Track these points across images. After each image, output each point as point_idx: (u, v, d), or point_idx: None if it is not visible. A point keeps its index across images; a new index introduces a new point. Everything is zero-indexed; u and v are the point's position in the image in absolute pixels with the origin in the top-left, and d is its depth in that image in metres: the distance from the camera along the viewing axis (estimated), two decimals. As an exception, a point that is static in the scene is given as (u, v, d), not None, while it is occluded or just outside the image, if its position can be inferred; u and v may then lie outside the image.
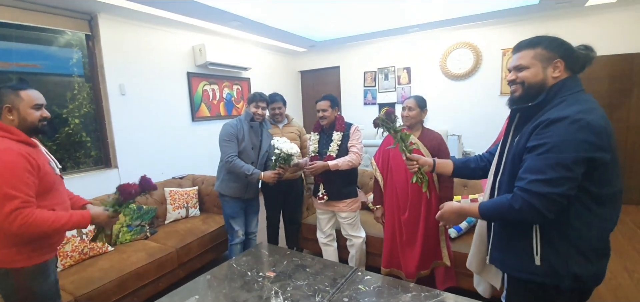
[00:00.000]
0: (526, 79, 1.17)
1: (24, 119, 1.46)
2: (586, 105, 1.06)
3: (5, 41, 2.86)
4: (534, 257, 1.13)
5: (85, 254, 2.43)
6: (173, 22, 3.84)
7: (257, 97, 2.52)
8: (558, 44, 1.15)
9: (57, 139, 3.22)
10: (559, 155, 1.02)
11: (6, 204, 1.30)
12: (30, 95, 1.49)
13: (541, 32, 1.21)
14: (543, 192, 1.03)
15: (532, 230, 1.14)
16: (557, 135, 1.03)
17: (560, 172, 1.02)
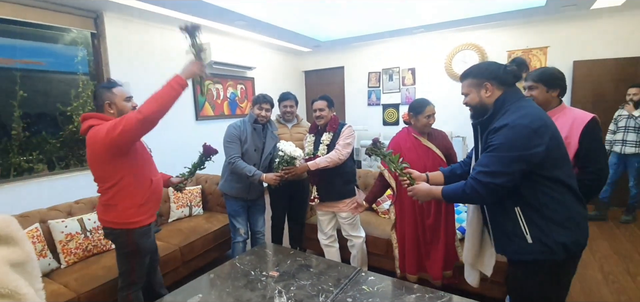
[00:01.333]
0: (469, 102, 1.49)
1: (121, 111, 1.80)
2: (523, 112, 1.30)
3: (9, 38, 2.87)
4: (525, 237, 1.33)
5: (88, 252, 2.43)
6: (178, 20, 3.84)
7: (260, 99, 2.52)
8: (482, 70, 1.44)
9: (61, 137, 3.23)
10: (499, 154, 1.29)
11: (118, 124, 1.62)
12: (121, 91, 1.84)
13: (547, 35, 1.39)
14: (484, 182, 1.32)
15: (516, 214, 1.34)
16: (500, 138, 1.30)
17: (499, 167, 1.29)
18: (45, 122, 3.14)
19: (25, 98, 2.95)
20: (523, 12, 4.20)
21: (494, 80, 1.40)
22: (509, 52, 4.71)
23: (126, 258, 1.89)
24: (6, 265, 0.42)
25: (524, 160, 1.26)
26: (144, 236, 1.87)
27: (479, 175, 1.34)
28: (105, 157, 1.70)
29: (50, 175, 3.10)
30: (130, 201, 1.79)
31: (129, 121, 1.60)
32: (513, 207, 1.35)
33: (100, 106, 1.80)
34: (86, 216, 2.52)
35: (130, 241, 1.83)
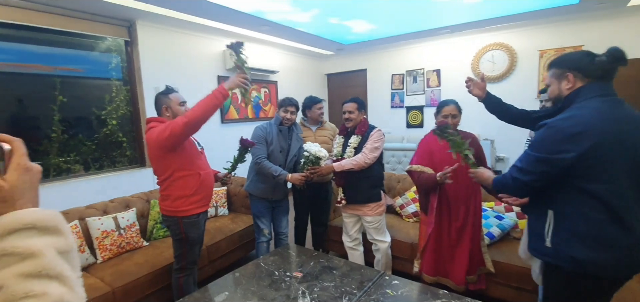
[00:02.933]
0: (549, 95, 1.43)
1: (175, 114, 2.03)
2: (574, 112, 1.24)
3: (51, 47, 3.07)
4: (545, 239, 1.31)
5: (122, 248, 2.55)
6: (206, 27, 3.97)
7: (286, 102, 2.56)
8: (566, 59, 1.36)
9: (96, 139, 3.41)
10: (530, 151, 1.29)
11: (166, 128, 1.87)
12: (176, 97, 2.08)
13: (581, 33, 1.31)
14: (514, 176, 1.35)
15: (547, 215, 1.31)
16: (536, 136, 1.30)
17: (526, 165, 1.30)
18: (81, 126, 3.33)
19: (64, 103, 3.14)
20: (555, 10, 4.02)
21: (577, 70, 1.30)
22: (541, 52, 4.52)
23: (178, 244, 2.14)
24: (54, 251, 0.46)
25: (549, 163, 1.23)
26: (192, 225, 2.09)
27: (512, 168, 1.37)
28: (158, 154, 1.97)
29: (86, 175, 3.28)
30: (180, 192, 2.02)
31: (175, 125, 1.85)
32: (546, 209, 1.32)
33: (159, 110, 2.07)
34: (120, 214, 2.64)
35: (180, 228, 2.07)
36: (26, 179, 0.49)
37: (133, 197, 2.96)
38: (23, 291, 0.42)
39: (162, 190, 2.08)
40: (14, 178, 0.48)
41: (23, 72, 2.91)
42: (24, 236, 0.45)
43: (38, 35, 2.96)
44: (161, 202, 2.11)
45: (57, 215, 0.49)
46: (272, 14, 3.74)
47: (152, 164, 2.06)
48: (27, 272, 0.43)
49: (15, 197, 0.47)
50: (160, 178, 2.07)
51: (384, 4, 3.64)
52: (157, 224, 2.86)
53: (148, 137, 1.98)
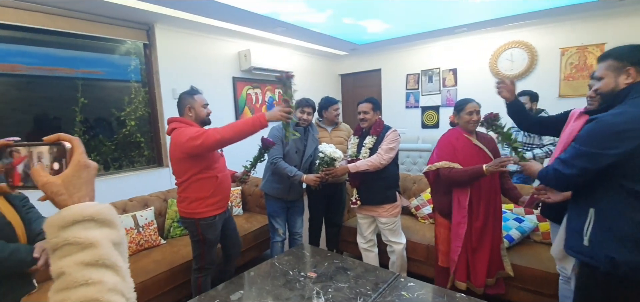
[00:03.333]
0: (601, 89, 1.34)
1: (198, 115, 2.08)
2: (627, 108, 1.19)
3: (73, 50, 3.17)
4: (583, 238, 1.27)
5: (141, 246, 2.61)
6: (221, 29, 4.02)
7: (302, 103, 2.57)
8: (627, 52, 1.29)
9: (115, 140, 3.50)
10: (575, 145, 1.26)
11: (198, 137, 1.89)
12: (201, 98, 2.12)
13: (604, 30, 1.26)
14: (556, 168, 1.33)
15: (587, 214, 1.27)
16: (583, 130, 1.26)
17: (569, 158, 1.27)
18: (101, 127, 3.43)
19: (85, 104, 3.24)
20: (576, 7, 3.89)
21: (638, 65, 1.26)
22: (562, 50, 4.38)
23: (197, 245, 2.17)
24: (109, 243, 0.50)
25: (592, 158, 1.20)
26: (209, 227, 2.11)
27: (556, 161, 1.35)
28: (180, 157, 1.99)
29: (106, 175, 3.37)
30: (197, 194, 2.05)
31: (209, 137, 1.89)
32: (588, 208, 1.29)
33: (182, 110, 2.10)
34: (139, 212, 2.70)
35: (198, 230, 2.10)
36: (83, 175, 0.53)
37: (151, 196, 3.03)
38: (83, 278, 0.46)
39: (180, 191, 2.11)
40: (69, 174, 0.52)
41: (47, 75, 3.02)
42: (84, 228, 0.48)
43: (61, 39, 3.06)
44: (179, 203, 2.14)
45: (111, 209, 0.53)
46: (287, 15, 3.75)
47: (173, 164, 2.09)
48: (86, 261, 0.47)
49: (72, 191, 0.51)
50: (178, 180, 2.10)
51: (400, 3, 3.60)
52: (174, 223, 2.92)
53: (174, 137, 2.00)
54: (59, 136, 0.53)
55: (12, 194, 1.34)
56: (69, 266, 0.46)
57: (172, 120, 2.09)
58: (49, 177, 0.51)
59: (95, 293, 0.45)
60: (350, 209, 3.16)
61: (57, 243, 0.47)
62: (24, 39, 2.87)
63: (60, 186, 0.50)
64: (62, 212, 0.48)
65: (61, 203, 0.50)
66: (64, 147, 0.53)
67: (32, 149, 0.54)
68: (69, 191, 0.50)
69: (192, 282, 2.24)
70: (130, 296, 0.51)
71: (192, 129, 1.96)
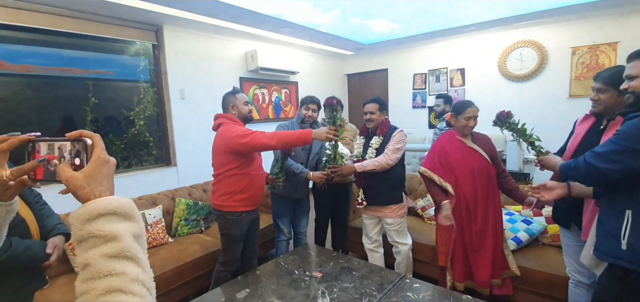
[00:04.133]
0: (636, 88, 1.27)
1: (240, 112, 2.21)
2: None
3: (84, 51, 3.24)
4: (621, 241, 1.20)
5: (149, 244, 2.63)
6: (229, 30, 4.06)
7: (308, 100, 2.59)
8: None
9: (125, 139, 3.56)
10: (616, 140, 1.20)
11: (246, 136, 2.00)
12: (242, 96, 2.24)
13: (617, 29, 1.21)
14: (590, 162, 1.27)
15: (624, 215, 1.21)
16: (625, 126, 1.20)
17: (608, 153, 1.21)
18: (111, 126, 3.48)
19: (95, 104, 3.30)
20: (588, 5, 3.82)
21: None
22: (573, 49, 4.31)
23: (223, 238, 2.24)
24: (130, 235, 0.52)
25: (637, 155, 1.14)
26: (234, 222, 2.17)
27: (589, 154, 1.30)
28: (223, 150, 2.10)
29: (116, 173, 3.40)
30: (227, 189, 2.13)
31: (255, 138, 2.00)
32: (624, 209, 1.22)
33: (225, 108, 2.23)
34: (147, 210, 2.74)
35: (224, 223, 2.18)
36: (104, 170, 0.55)
37: (159, 194, 3.07)
38: (107, 269, 0.48)
39: (214, 183, 2.21)
40: (90, 169, 0.54)
41: (60, 75, 3.09)
42: (107, 221, 0.50)
43: (73, 40, 3.12)
44: (212, 195, 2.24)
45: (132, 203, 0.55)
46: (293, 15, 3.77)
47: (214, 156, 2.18)
48: (110, 253, 0.49)
49: (93, 186, 0.53)
50: (215, 171, 2.19)
51: (407, 3, 3.59)
52: (181, 221, 2.95)
53: (221, 132, 2.12)
54: (80, 133, 0.56)
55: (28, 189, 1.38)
56: (93, 257, 0.48)
57: (218, 116, 2.22)
58: (72, 172, 0.53)
59: (120, 283, 0.48)
60: (356, 209, 3.16)
61: (82, 235, 0.49)
62: (38, 41, 2.94)
63: (82, 180, 0.52)
64: (88, 205, 0.51)
65: (83, 197, 0.52)
66: (85, 143, 0.55)
67: (53, 144, 0.56)
68: (91, 186, 0.53)
69: (214, 273, 2.29)
70: (150, 285, 0.53)
71: (241, 128, 2.08)
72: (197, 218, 3.02)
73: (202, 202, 3.13)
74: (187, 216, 2.97)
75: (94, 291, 0.47)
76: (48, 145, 0.56)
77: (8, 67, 2.78)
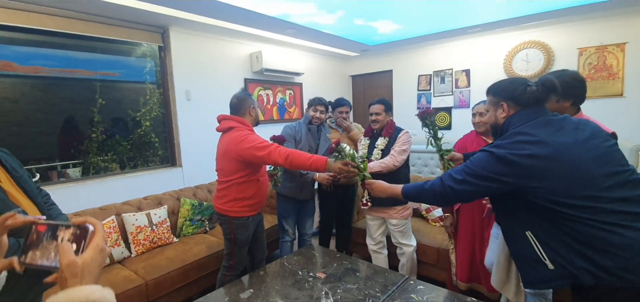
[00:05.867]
0: (486, 121, 1.51)
1: (257, 116, 2.22)
2: (509, 139, 1.26)
3: (92, 53, 3.28)
4: (545, 263, 1.21)
5: (154, 243, 2.67)
6: (234, 32, 4.08)
7: (315, 102, 2.60)
8: (501, 88, 1.40)
9: (131, 139, 3.59)
10: (471, 167, 1.30)
11: (263, 149, 1.97)
12: (254, 100, 2.20)
13: (625, 29, 1.21)
14: (446, 184, 1.36)
15: (529, 240, 1.24)
16: (476, 158, 1.32)
17: (467, 176, 1.30)
18: (118, 127, 3.52)
19: (103, 105, 3.34)
20: (596, 6, 3.78)
21: (511, 100, 1.35)
22: (580, 50, 4.27)
23: (228, 243, 2.20)
24: None
25: (494, 181, 1.24)
26: (242, 227, 2.14)
27: (445, 177, 1.38)
28: (235, 157, 2.03)
29: (122, 174, 3.46)
30: (236, 195, 2.09)
31: (272, 155, 1.96)
32: (523, 232, 1.27)
33: (244, 110, 2.15)
34: (153, 210, 2.77)
35: (231, 228, 2.13)
36: (98, 259, 0.55)
37: (165, 195, 3.10)
38: None
39: (220, 188, 2.15)
40: (88, 257, 0.53)
41: (68, 76, 3.13)
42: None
43: (80, 42, 3.17)
44: (216, 199, 2.18)
45: (112, 294, 0.54)
46: (298, 17, 3.78)
47: (222, 161, 2.11)
48: None
49: (85, 275, 0.52)
50: (223, 177, 2.13)
51: (411, 4, 3.58)
52: (186, 221, 2.97)
53: (234, 137, 2.02)
54: (85, 219, 0.55)
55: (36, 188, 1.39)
56: None
57: (227, 118, 2.13)
58: (75, 257, 0.52)
59: None
60: (361, 210, 3.16)
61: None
62: (46, 43, 2.98)
63: (79, 268, 0.52)
64: (71, 292, 0.49)
65: (71, 286, 0.51)
66: (86, 229, 0.55)
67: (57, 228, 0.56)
68: (83, 275, 0.52)
69: (219, 277, 2.27)
70: None
71: (256, 138, 2.02)
72: (202, 218, 3.04)
73: (207, 202, 3.15)
74: (191, 216, 2.99)
75: None
76: (50, 229, 0.56)
77: (17, 69, 2.83)
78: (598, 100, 4.13)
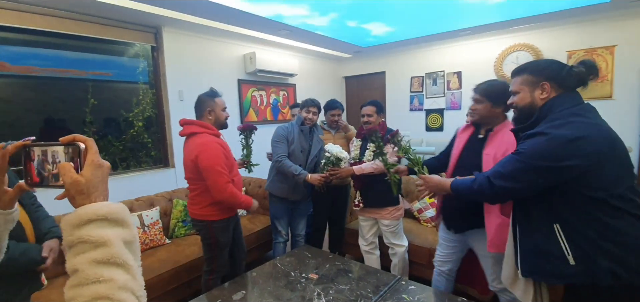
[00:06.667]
0: (518, 103, 1.35)
1: (218, 118, 2.08)
2: (566, 119, 1.17)
3: (84, 52, 3.25)
4: (567, 258, 1.17)
5: (146, 245, 2.65)
6: (227, 32, 4.07)
7: (308, 103, 2.61)
8: (542, 67, 1.30)
9: (123, 140, 3.57)
10: (522, 159, 1.20)
11: (220, 177, 1.95)
12: (221, 101, 2.11)
13: (614, 32, 1.24)
14: (495, 183, 1.27)
15: (556, 233, 1.20)
16: (529, 144, 1.20)
17: (516, 173, 1.22)
18: (110, 127, 3.50)
19: (95, 105, 3.31)
20: (585, 9, 3.85)
21: (554, 80, 1.25)
22: (569, 53, 4.34)
23: (208, 248, 2.16)
24: (121, 242, 0.51)
25: (551, 173, 1.15)
26: (222, 230, 2.13)
27: (493, 174, 1.29)
28: (195, 168, 1.99)
29: (114, 175, 3.44)
30: (211, 200, 2.04)
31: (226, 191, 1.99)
32: (551, 224, 1.21)
33: (201, 112, 2.06)
34: (144, 212, 2.75)
35: (211, 233, 2.10)
36: (98, 174, 0.54)
37: (157, 196, 3.08)
38: (94, 276, 0.47)
39: (194, 195, 2.09)
40: (89, 173, 0.53)
41: (60, 76, 3.10)
42: (97, 226, 0.50)
43: (73, 42, 3.14)
44: (191, 206, 2.12)
45: (124, 208, 0.54)
46: (291, 18, 3.79)
47: (186, 168, 2.06)
48: (98, 259, 0.49)
49: (91, 190, 0.52)
50: (193, 185, 2.09)
51: (404, 6, 3.62)
52: (178, 223, 2.96)
53: (197, 145, 1.95)
54: (74, 137, 0.55)
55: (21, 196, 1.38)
56: (82, 263, 0.48)
57: (189, 123, 2.04)
58: (77, 175, 0.52)
59: (106, 290, 0.47)
60: (353, 211, 3.18)
61: (72, 241, 0.50)
62: (39, 43, 2.95)
63: (84, 185, 0.52)
64: (79, 211, 0.50)
65: (80, 202, 0.52)
66: (78, 147, 0.55)
67: (47, 148, 0.56)
68: (89, 191, 0.52)
69: (202, 283, 2.24)
70: (140, 293, 0.52)
71: (223, 168, 1.98)
72: (195, 220, 3.03)
73: (200, 203, 3.14)
74: (184, 217, 2.98)
75: (80, 297, 0.46)
76: (42, 150, 0.56)
77: (9, 69, 2.79)
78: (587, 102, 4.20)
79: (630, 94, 4.06)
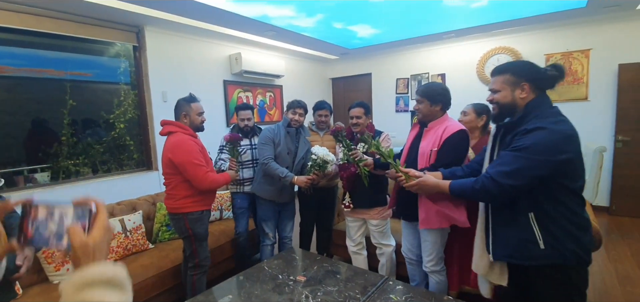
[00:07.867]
0: (500, 100, 1.42)
1: (193, 121, 2.19)
2: (559, 118, 1.29)
3: (62, 52, 3.14)
4: (538, 243, 1.30)
5: (128, 250, 2.58)
6: (212, 32, 4.02)
7: (294, 104, 2.59)
8: (522, 68, 1.38)
9: (104, 142, 3.46)
10: (527, 155, 1.25)
11: (198, 169, 2.07)
12: (197, 106, 2.21)
13: (589, 37, 1.37)
14: (501, 182, 1.30)
15: (529, 221, 1.32)
16: (531, 139, 1.26)
17: (523, 169, 1.26)
18: (90, 129, 3.39)
19: (74, 106, 3.20)
20: (562, 14, 3.99)
21: (532, 82, 1.36)
22: (547, 56, 4.49)
23: (187, 242, 2.22)
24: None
25: (549, 165, 1.24)
26: (197, 221, 2.18)
27: (497, 174, 1.32)
28: (171, 164, 2.09)
29: (94, 178, 3.33)
30: (186, 192, 2.13)
31: (207, 179, 2.11)
32: (526, 213, 1.33)
33: (178, 114, 2.19)
34: (126, 216, 2.67)
35: (186, 225, 2.16)
36: (106, 237, 0.56)
37: (139, 199, 3.00)
38: None
39: (168, 189, 2.18)
40: (98, 236, 0.54)
41: (36, 76, 2.99)
42: (100, 289, 0.50)
43: (50, 41, 3.03)
44: (167, 200, 2.20)
45: (124, 272, 0.55)
46: (277, 19, 3.77)
47: (166, 164, 2.14)
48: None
49: (96, 255, 0.53)
50: (168, 179, 2.17)
51: (389, 9, 3.66)
52: (162, 227, 2.89)
53: (174, 142, 2.07)
54: (87, 199, 0.56)
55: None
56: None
57: (167, 123, 2.17)
58: (86, 238, 0.53)
59: None
60: (340, 212, 3.18)
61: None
62: (13, 41, 2.83)
63: (91, 249, 0.52)
64: (84, 273, 0.50)
65: (83, 263, 0.52)
66: (90, 209, 0.55)
67: (54, 208, 0.56)
68: (95, 254, 0.53)
69: (187, 281, 2.25)
70: None
71: (200, 161, 2.09)
72: (179, 223, 2.97)
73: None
74: (168, 221, 2.91)
75: None
76: (47, 209, 0.56)
77: (-21, 68, 2.67)
78: (564, 104, 4.34)
79: (604, 96, 4.22)
